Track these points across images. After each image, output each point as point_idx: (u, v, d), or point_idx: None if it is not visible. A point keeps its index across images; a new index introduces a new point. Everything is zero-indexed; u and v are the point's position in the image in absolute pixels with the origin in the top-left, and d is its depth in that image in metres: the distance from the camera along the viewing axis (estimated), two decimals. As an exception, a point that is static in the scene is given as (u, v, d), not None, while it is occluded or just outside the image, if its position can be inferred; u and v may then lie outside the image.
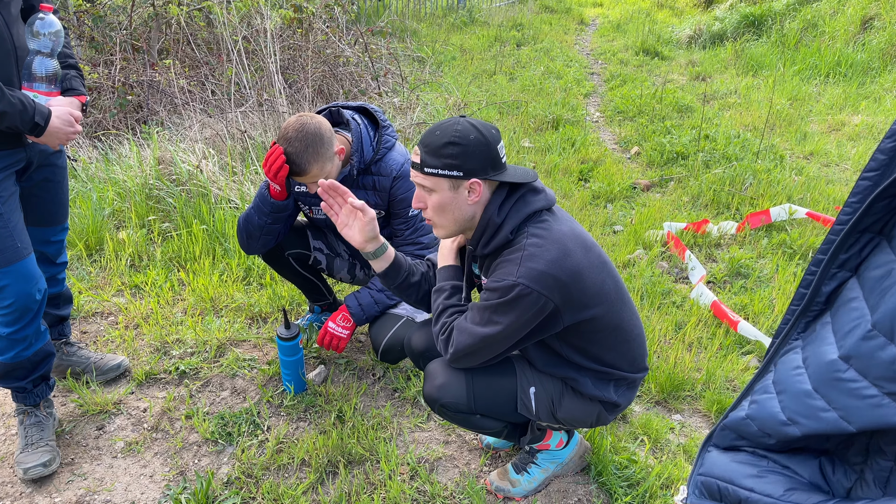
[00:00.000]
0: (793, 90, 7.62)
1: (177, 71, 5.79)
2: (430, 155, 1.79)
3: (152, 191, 4.12)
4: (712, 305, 3.27)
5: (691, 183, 5.03)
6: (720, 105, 7.32)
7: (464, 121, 1.79)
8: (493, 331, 1.84)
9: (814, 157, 5.73)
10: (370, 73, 6.54)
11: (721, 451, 1.09)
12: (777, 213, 4.24)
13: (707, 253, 4.04)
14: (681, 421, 2.68)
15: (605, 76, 9.31)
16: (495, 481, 2.31)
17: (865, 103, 7.07)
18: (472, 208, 1.86)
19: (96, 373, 2.71)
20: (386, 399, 2.70)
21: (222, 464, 2.38)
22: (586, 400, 2.06)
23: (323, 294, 2.97)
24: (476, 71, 8.99)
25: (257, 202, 2.46)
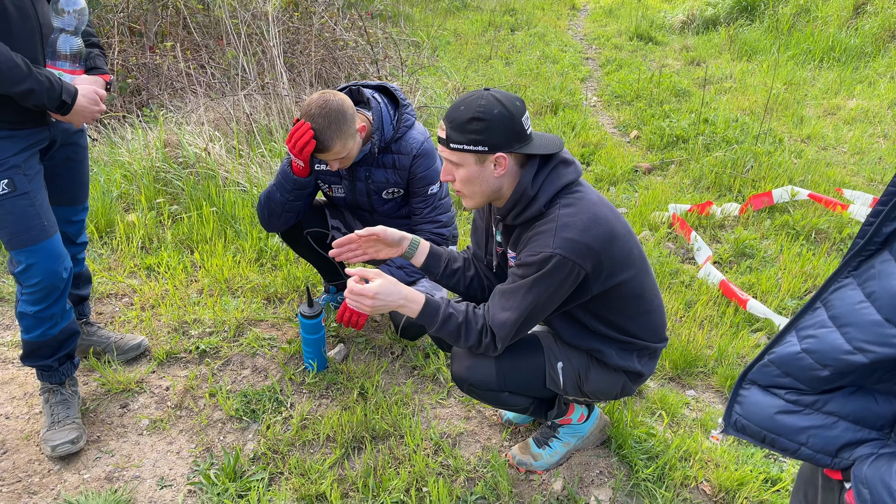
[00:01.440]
0: (788, 75, 7.68)
1: (176, 54, 5.76)
2: (455, 131, 1.81)
3: (159, 173, 4.11)
4: (721, 285, 3.32)
5: (692, 166, 5.08)
6: (716, 90, 7.37)
7: (488, 94, 1.80)
8: (529, 308, 1.87)
9: (811, 140, 5.80)
10: (369, 58, 6.53)
11: (762, 392, 1.13)
12: (779, 195, 4.30)
13: (711, 234, 4.09)
14: (694, 396, 2.74)
15: (600, 61, 9.34)
16: (517, 455, 2.36)
17: (860, 87, 7.15)
18: (499, 180, 1.89)
19: (117, 352, 2.72)
20: (406, 376, 2.74)
21: (248, 440, 2.41)
22: (611, 371, 2.11)
23: (338, 274, 2.99)
24: (472, 56, 9.00)
25: (279, 179, 2.48)
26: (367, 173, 2.60)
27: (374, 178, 2.61)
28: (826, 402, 1.07)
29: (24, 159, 2.13)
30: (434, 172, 2.60)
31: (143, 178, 4.03)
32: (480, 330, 1.93)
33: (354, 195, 2.67)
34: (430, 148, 2.59)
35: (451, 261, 2.24)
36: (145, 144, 4.28)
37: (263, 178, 4.01)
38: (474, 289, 2.28)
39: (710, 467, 2.32)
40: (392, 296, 1.92)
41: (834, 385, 1.06)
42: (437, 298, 1.98)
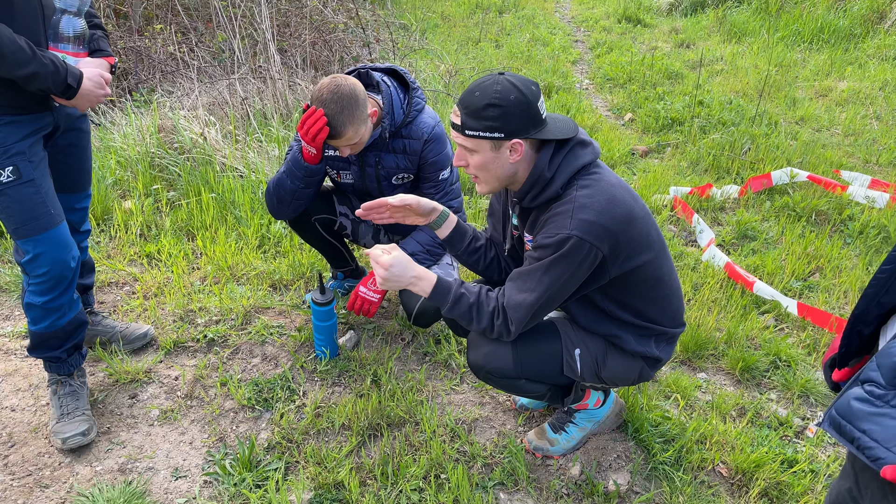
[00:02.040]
0: (778, 56, 7.69)
1: (165, 37, 5.64)
2: (470, 117, 1.78)
3: (154, 159, 4.04)
4: (726, 267, 3.33)
5: (689, 148, 5.08)
6: (708, 72, 7.36)
7: (503, 79, 1.76)
8: (546, 291, 1.85)
9: (805, 122, 5.82)
10: (360, 41, 6.45)
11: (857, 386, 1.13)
12: (778, 177, 4.31)
13: (713, 216, 4.10)
14: (706, 379, 2.74)
15: (589, 44, 9.30)
16: (534, 441, 2.35)
17: (850, 69, 7.17)
18: (515, 166, 1.86)
19: (123, 342, 2.67)
20: (418, 363, 2.72)
21: (261, 429, 2.38)
22: (629, 357, 2.10)
23: (346, 260, 2.95)
24: (461, 38, 8.92)
25: (290, 166, 2.43)
26: (377, 159, 2.56)
27: (384, 164, 2.57)
28: None
29: (28, 145, 2.07)
30: (445, 157, 2.57)
31: (139, 164, 3.95)
32: (492, 312, 1.91)
33: (364, 181, 2.63)
34: (441, 132, 2.55)
35: (474, 238, 2.21)
36: (139, 130, 4.20)
37: (261, 163, 3.95)
38: (493, 269, 2.26)
39: (727, 450, 2.33)
40: (405, 271, 1.90)
41: None
42: (449, 279, 1.96)
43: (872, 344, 1.28)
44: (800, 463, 2.27)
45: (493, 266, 2.25)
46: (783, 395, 2.66)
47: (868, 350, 1.30)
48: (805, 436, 2.44)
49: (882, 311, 1.22)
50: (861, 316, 1.23)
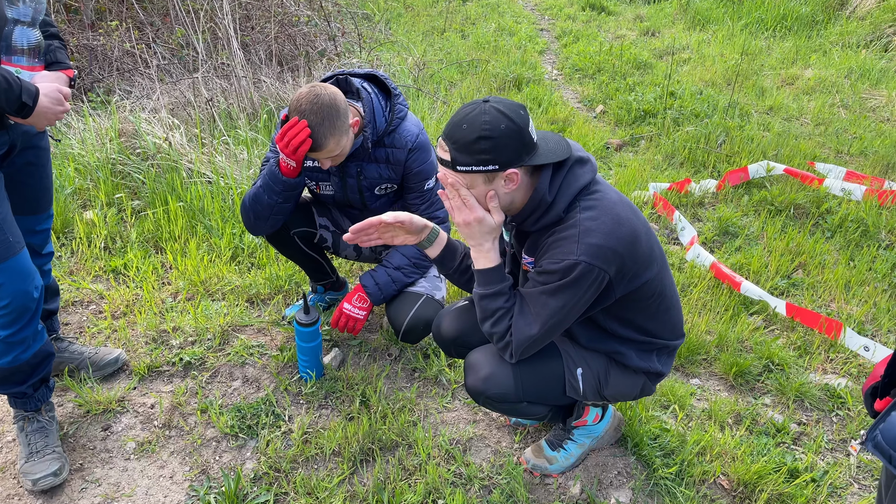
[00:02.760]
0: (743, 44, 7.71)
1: (121, 33, 5.40)
2: (460, 152, 1.68)
3: (116, 166, 3.85)
4: (712, 267, 3.29)
5: (663, 141, 5.05)
6: (675, 61, 7.35)
7: (490, 108, 1.66)
8: (551, 318, 1.78)
9: (774, 111, 5.83)
10: (326, 34, 6.27)
11: None
12: (755, 170, 4.30)
13: (692, 213, 4.07)
14: (699, 385, 2.70)
15: (555, 32, 9.23)
16: (532, 459, 2.27)
17: (815, 56, 7.23)
18: (511, 195, 1.77)
19: (92, 368, 2.52)
20: (407, 380, 2.62)
21: (246, 459, 2.26)
22: (631, 373, 2.04)
23: (326, 273, 2.83)
24: (425, 28, 8.77)
25: (267, 181, 2.30)
26: (359, 169, 2.44)
27: (367, 174, 2.45)
28: None
29: (-18, 168, 1.91)
30: (430, 166, 2.46)
31: (100, 171, 3.76)
32: (508, 327, 1.84)
33: (345, 192, 2.51)
34: (425, 140, 2.44)
35: (466, 257, 2.11)
36: (98, 134, 3.99)
37: (230, 168, 3.79)
38: None
39: (727, 461, 2.29)
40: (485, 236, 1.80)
41: None
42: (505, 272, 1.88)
43: None
44: (801, 474, 2.24)
45: None
46: (778, 400, 2.63)
47: None
48: (847, 452, 2.41)
49: None
50: None
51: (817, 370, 2.77)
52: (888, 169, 4.51)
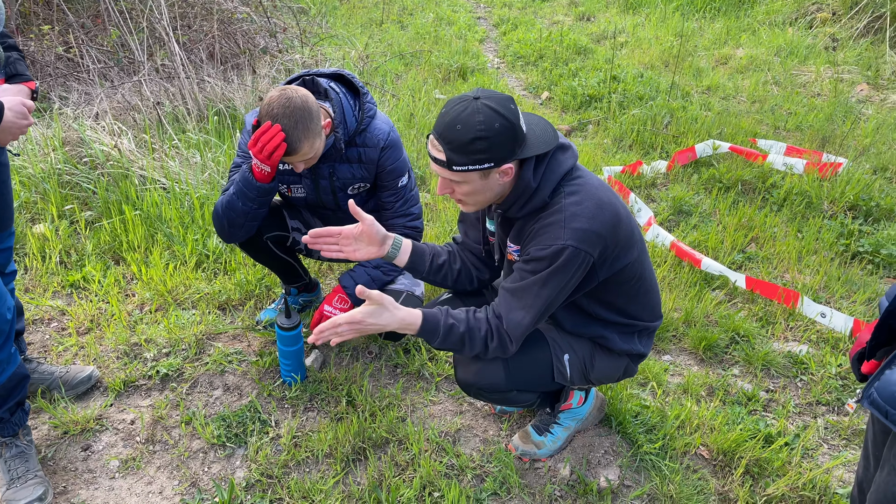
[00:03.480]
0: (676, 27, 7.93)
1: (53, 37, 5.18)
2: (456, 153, 1.69)
3: (63, 176, 3.71)
4: (672, 246, 3.40)
5: (611, 125, 5.16)
6: (612, 45, 7.50)
7: (482, 106, 1.67)
8: (544, 304, 1.81)
9: (712, 91, 6.03)
10: (267, 30, 6.15)
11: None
12: (702, 149, 4.45)
13: (646, 194, 4.18)
14: (671, 361, 2.80)
15: (492, 21, 9.30)
16: (520, 446, 2.32)
17: (745, 36, 7.49)
18: (503, 186, 1.80)
19: (65, 388, 2.44)
20: (390, 377, 2.63)
21: (236, 468, 2.24)
22: (615, 356, 2.10)
23: (299, 275, 2.81)
24: (363, 20, 8.70)
25: (240, 187, 2.26)
26: (331, 170, 2.43)
27: (339, 175, 2.44)
28: None
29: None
30: (403, 163, 2.47)
31: (46, 182, 3.62)
32: (485, 336, 1.85)
33: (318, 194, 2.49)
34: (396, 138, 2.44)
35: (435, 256, 2.14)
36: (40, 143, 3.84)
37: (184, 173, 3.70)
38: (462, 282, 2.20)
39: (706, 432, 2.38)
40: (384, 320, 1.80)
41: None
42: (434, 310, 1.87)
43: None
44: (775, 439, 2.36)
45: (462, 278, 2.19)
46: (746, 370, 2.75)
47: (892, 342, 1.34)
48: (844, 411, 2.55)
49: None
50: (894, 312, 1.26)
51: (780, 339, 2.91)
52: (824, 142, 4.73)
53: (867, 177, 4.13)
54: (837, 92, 5.81)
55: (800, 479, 2.22)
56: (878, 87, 6.04)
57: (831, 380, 2.67)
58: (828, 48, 6.92)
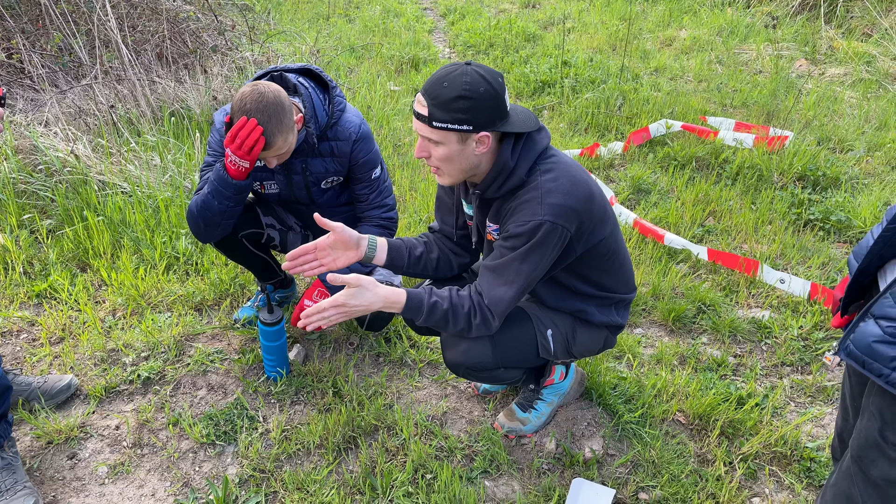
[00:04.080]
0: (620, 10, 8.09)
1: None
2: (438, 108, 1.75)
3: (17, 185, 3.62)
4: (635, 224, 3.51)
5: (565, 109, 5.26)
6: (560, 30, 7.62)
7: (472, 70, 1.74)
8: (525, 279, 1.87)
9: (660, 72, 6.19)
10: (216, 29, 6.06)
11: (873, 322, 1.25)
12: (656, 129, 4.57)
13: (605, 174, 4.29)
14: (643, 333, 2.90)
15: (439, 11, 9.32)
16: (505, 424, 2.39)
17: (687, 18, 7.69)
18: (479, 157, 1.86)
19: (44, 398, 2.41)
20: (373, 366, 2.66)
21: (228, 465, 2.25)
22: (594, 328, 2.18)
23: (274, 272, 2.81)
24: (309, 15, 8.63)
25: (216, 186, 2.26)
26: (304, 165, 2.44)
27: (312, 169, 2.45)
28: None
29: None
30: (376, 155, 2.50)
31: (2, 193, 3.52)
32: (468, 313, 1.91)
33: (291, 189, 2.51)
34: (367, 130, 2.47)
35: (412, 249, 2.19)
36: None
37: (145, 176, 3.65)
38: (443, 270, 2.25)
39: (682, 398, 2.49)
40: (367, 300, 1.84)
41: None
42: (418, 289, 1.93)
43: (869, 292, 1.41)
44: (746, 401, 2.47)
45: (442, 266, 2.24)
46: (714, 338, 2.87)
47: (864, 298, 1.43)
48: (808, 370, 2.70)
49: (881, 263, 1.34)
50: (864, 270, 1.35)
51: (743, 306, 3.04)
52: (770, 117, 4.91)
53: (812, 148, 4.32)
54: (778, 68, 6.02)
55: (772, 437, 2.33)
56: (816, 62, 6.29)
57: (794, 341, 2.81)
58: (767, 26, 7.16)
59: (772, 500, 2.16)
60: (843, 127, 4.81)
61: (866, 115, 5.04)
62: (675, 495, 2.15)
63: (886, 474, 1.30)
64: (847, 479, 1.39)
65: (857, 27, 6.78)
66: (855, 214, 3.61)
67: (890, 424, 1.28)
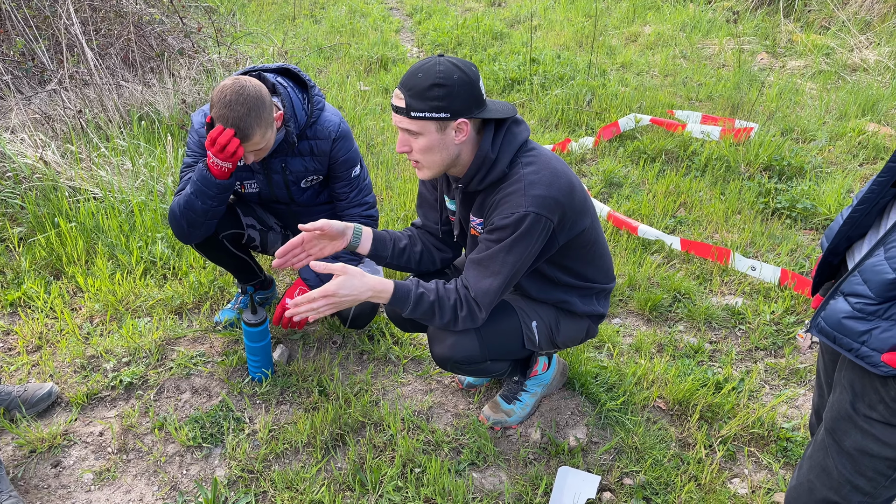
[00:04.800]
0: (585, 8, 8.19)
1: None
2: (415, 98, 1.77)
3: (-15, 193, 3.55)
4: (609, 216, 3.57)
5: (535, 106, 5.32)
6: (526, 28, 7.68)
7: (444, 60, 1.78)
8: (511, 270, 1.91)
9: (626, 68, 6.28)
10: (180, 31, 6.00)
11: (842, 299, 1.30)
12: (625, 123, 4.65)
13: (577, 169, 4.35)
14: (621, 323, 2.96)
15: (405, 10, 9.33)
16: (491, 415, 2.42)
17: (650, 14, 7.81)
18: (459, 147, 1.88)
19: (25, 406, 2.38)
20: (358, 364, 2.68)
21: (216, 467, 2.25)
22: (577, 318, 2.22)
23: (255, 273, 2.81)
24: (274, 17, 8.58)
25: (199, 186, 2.25)
26: (283, 164, 2.45)
27: (291, 168, 2.46)
28: (888, 308, 1.24)
29: None
30: (355, 153, 2.51)
31: (-32, 201, 3.46)
32: (454, 305, 1.94)
33: (271, 188, 2.51)
34: (346, 129, 2.48)
35: (396, 240, 2.21)
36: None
37: (117, 181, 3.61)
38: (426, 263, 2.28)
39: (661, 385, 2.55)
40: (356, 289, 1.86)
41: None
42: (405, 281, 1.95)
43: (839, 271, 1.47)
44: (724, 385, 2.54)
45: (425, 260, 2.26)
46: (690, 325, 2.93)
47: (834, 277, 1.50)
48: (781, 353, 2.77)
49: (849, 244, 1.41)
50: (833, 250, 1.42)
51: (717, 294, 3.12)
52: (735, 109, 5.02)
53: (776, 139, 4.43)
54: (741, 62, 6.16)
55: (749, 419, 2.40)
56: (777, 55, 6.44)
57: (766, 326, 2.89)
58: (728, 21, 7.31)
59: (751, 480, 2.23)
60: (805, 118, 4.95)
61: (827, 106, 5.18)
62: (658, 479, 2.20)
63: (859, 444, 1.36)
64: (822, 451, 1.45)
65: (815, 20, 6.96)
66: (820, 202, 3.72)
67: (860, 396, 1.35)
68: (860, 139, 4.54)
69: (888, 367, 1.24)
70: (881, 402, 1.31)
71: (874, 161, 4.34)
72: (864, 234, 1.39)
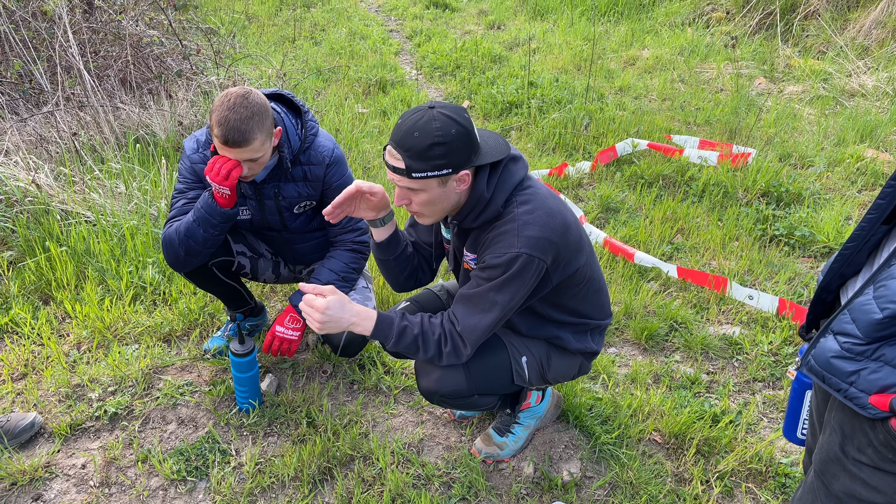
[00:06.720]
0: (583, 31, 8.21)
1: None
2: (415, 159, 1.73)
3: (-25, 217, 3.52)
4: (605, 243, 3.53)
5: (532, 129, 5.31)
6: (525, 51, 7.70)
7: (437, 114, 1.72)
8: (499, 310, 1.87)
9: (624, 91, 6.28)
10: (180, 53, 6.01)
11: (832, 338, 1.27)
12: (622, 148, 4.63)
13: (574, 194, 4.33)
14: (616, 352, 2.91)
15: (405, 33, 9.37)
16: (483, 449, 2.37)
17: (649, 38, 7.83)
18: (460, 195, 1.85)
19: (7, 437, 2.33)
20: (348, 394, 2.63)
21: (199, 502, 2.19)
22: (569, 355, 2.18)
23: (245, 300, 2.77)
24: (274, 38, 8.61)
25: (203, 214, 2.23)
26: (276, 189, 2.42)
27: (285, 194, 2.43)
28: (875, 349, 1.20)
29: None
30: (349, 179, 2.48)
31: (-41, 225, 3.43)
32: (438, 340, 1.90)
33: (263, 215, 2.48)
34: (340, 154, 2.46)
35: (407, 245, 2.18)
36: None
37: (109, 204, 3.58)
38: (412, 277, 2.24)
39: (657, 418, 2.50)
40: (342, 313, 1.83)
41: (886, 332, 1.19)
42: (389, 312, 1.91)
43: (833, 308, 1.44)
44: (721, 418, 2.49)
45: (411, 278, 2.22)
46: (686, 356, 2.89)
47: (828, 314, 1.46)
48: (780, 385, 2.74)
49: (842, 281, 1.37)
50: (826, 287, 1.38)
51: (714, 323, 3.08)
52: (732, 134, 5.01)
53: (774, 165, 4.41)
54: (739, 87, 6.16)
55: (746, 453, 2.35)
56: (775, 80, 6.44)
57: (764, 357, 2.84)
58: (727, 45, 7.32)
59: (749, 518, 2.17)
60: (803, 143, 4.93)
61: (825, 132, 5.17)
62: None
63: (847, 488, 1.31)
64: (811, 494, 1.40)
65: (812, 45, 6.97)
66: (818, 229, 3.68)
67: (850, 438, 1.30)
68: (858, 165, 4.52)
69: (876, 410, 1.21)
70: (870, 446, 1.27)
71: (873, 187, 4.32)
72: (857, 271, 1.35)
